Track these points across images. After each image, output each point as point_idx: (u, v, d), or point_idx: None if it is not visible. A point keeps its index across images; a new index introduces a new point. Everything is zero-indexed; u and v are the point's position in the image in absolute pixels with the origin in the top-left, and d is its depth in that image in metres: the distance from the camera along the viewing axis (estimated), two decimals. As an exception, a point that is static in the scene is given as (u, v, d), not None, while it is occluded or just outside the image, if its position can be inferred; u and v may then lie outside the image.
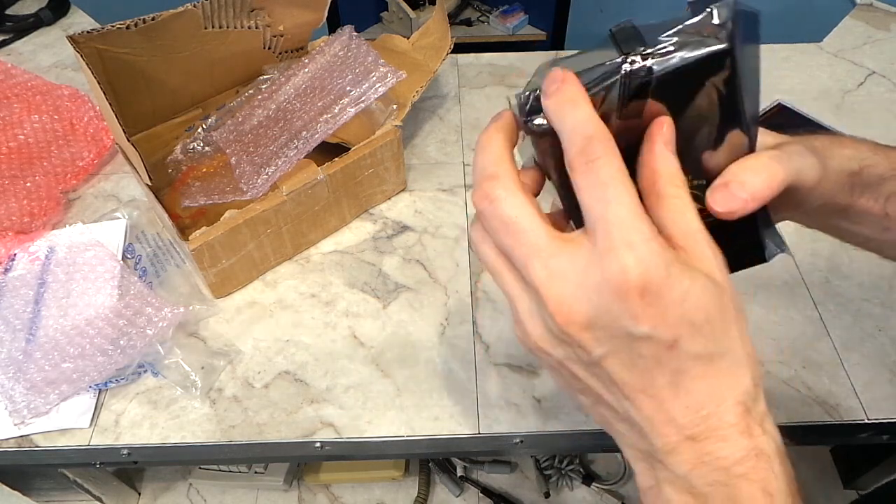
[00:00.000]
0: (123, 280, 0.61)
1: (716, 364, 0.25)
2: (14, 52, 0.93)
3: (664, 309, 0.24)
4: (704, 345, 0.25)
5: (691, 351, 0.25)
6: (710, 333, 0.25)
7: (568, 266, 0.25)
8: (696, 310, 0.24)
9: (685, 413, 0.25)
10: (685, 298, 0.24)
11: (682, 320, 0.24)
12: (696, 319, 0.24)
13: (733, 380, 0.26)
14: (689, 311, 0.24)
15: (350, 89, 0.61)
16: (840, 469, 0.94)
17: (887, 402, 0.53)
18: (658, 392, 0.25)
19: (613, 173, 0.24)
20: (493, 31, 1.97)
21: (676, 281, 0.24)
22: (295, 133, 0.60)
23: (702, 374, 0.25)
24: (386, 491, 0.95)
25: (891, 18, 0.93)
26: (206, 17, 0.59)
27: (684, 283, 0.24)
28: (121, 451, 0.53)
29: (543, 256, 0.25)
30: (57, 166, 0.72)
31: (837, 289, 0.61)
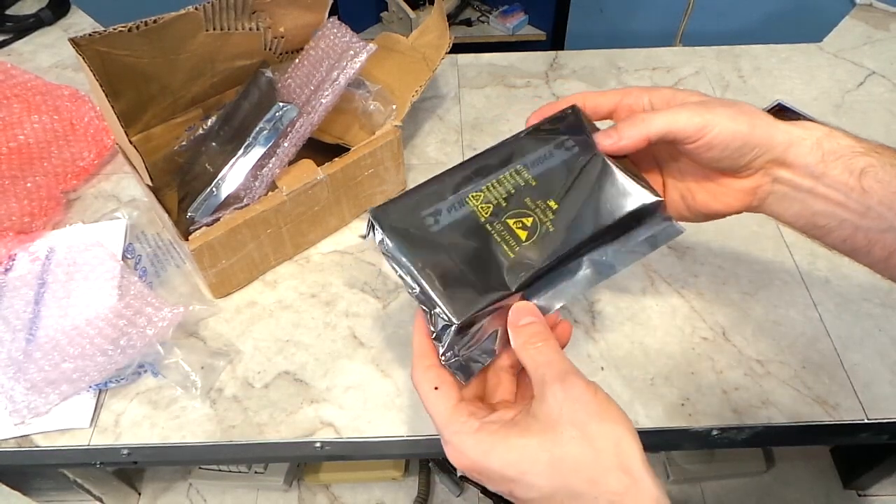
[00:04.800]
0: (123, 280, 0.61)
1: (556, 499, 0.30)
2: (14, 52, 0.93)
3: (489, 477, 0.32)
4: (531, 491, 0.31)
5: (525, 497, 0.31)
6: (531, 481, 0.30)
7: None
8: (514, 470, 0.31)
9: None
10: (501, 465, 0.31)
11: (504, 480, 0.31)
12: (515, 476, 0.31)
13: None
14: (507, 472, 0.31)
15: (328, 74, 0.61)
16: (840, 469, 0.94)
17: (887, 402, 0.53)
18: None
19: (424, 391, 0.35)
20: (493, 31, 1.97)
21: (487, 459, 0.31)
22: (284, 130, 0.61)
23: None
24: (386, 491, 0.95)
25: (891, 18, 0.93)
26: (208, 19, 0.59)
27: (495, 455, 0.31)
28: (121, 451, 0.53)
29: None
30: (57, 166, 0.72)
31: (837, 289, 0.61)
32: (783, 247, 0.65)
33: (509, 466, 0.31)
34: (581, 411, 0.31)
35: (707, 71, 0.84)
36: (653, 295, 0.61)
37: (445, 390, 0.34)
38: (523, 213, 0.38)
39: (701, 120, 0.38)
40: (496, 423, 0.32)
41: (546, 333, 0.35)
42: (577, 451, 0.30)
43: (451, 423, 0.33)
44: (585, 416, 0.31)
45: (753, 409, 0.53)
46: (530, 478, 0.30)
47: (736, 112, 0.38)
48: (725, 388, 0.55)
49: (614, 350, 0.57)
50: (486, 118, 0.80)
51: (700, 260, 0.64)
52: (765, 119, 0.39)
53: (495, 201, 0.39)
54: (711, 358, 0.57)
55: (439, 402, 0.34)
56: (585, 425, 0.30)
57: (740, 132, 0.38)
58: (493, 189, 0.39)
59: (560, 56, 0.89)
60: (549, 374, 0.32)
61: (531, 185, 0.39)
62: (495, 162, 0.40)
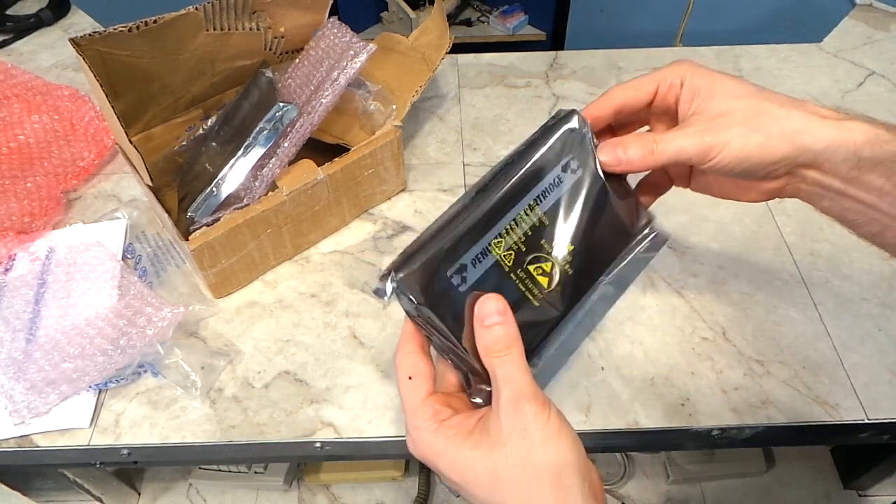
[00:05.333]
0: (123, 280, 0.61)
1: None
2: (14, 52, 0.93)
3: (440, 471, 0.33)
4: (473, 498, 0.32)
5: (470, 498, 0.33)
6: (474, 491, 0.32)
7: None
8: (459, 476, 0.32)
9: None
10: (449, 469, 0.33)
11: (451, 480, 0.33)
12: (460, 482, 0.32)
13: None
14: (454, 477, 0.33)
15: (328, 74, 0.61)
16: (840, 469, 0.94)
17: (887, 402, 0.53)
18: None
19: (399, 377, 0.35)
20: (493, 31, 1.97)
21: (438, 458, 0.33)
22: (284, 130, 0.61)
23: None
24: (386, 491, 0.95)
25: (891, 18, 0.93)
26: (208, 19, 0.59)
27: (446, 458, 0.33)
28: (121, 451, 0.53)
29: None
30: (57, 166, 0.72)
31: (837, 289, 0.61)
32: (783, 247, 0.65)
33: (455, 472, 0.32)
34: (528, 437, 0.31)
35: (707, 71, 0.84)
36: (653, 295, 0.61)
37: (418, 383, 0.35)
38: (541, 258, 0.38)
39: (707, 145, 0.37)
40: (454, 429, 0.33)
41: (510, 340, 0.34)
42: (515, 475, 0.31)
43: (415, 416, 0.34)
44: (530, 443, 0.31)
45: (753, 409, 0.53)
46: (471, 487, 0.32)
47: (750, 131, 0.37)
48: (725, 388, 0.55)
49: (614, 350, 0.57)
50: (486, 118, 0.80)
51: (700, 260, 0.64)
52: (798, 123, 0.36)
53: (515, 247, 0.37)
54: (711, 358, 0.57)
55: (409, 392, 0.35)
56: (529, 451, 0.31)
57: (748, 155, 0.37)
58: (511, 233, 0.37)
59: (560, 56, 0.89)
60: (505, 392, 0.32)
61: (544, 225, 0.38)
62: (507, 194, 0.37)
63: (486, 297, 0.35)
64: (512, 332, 0.34)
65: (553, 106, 0.82)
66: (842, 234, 0.65)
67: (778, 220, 0.67)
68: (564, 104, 0.82)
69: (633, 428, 0.53)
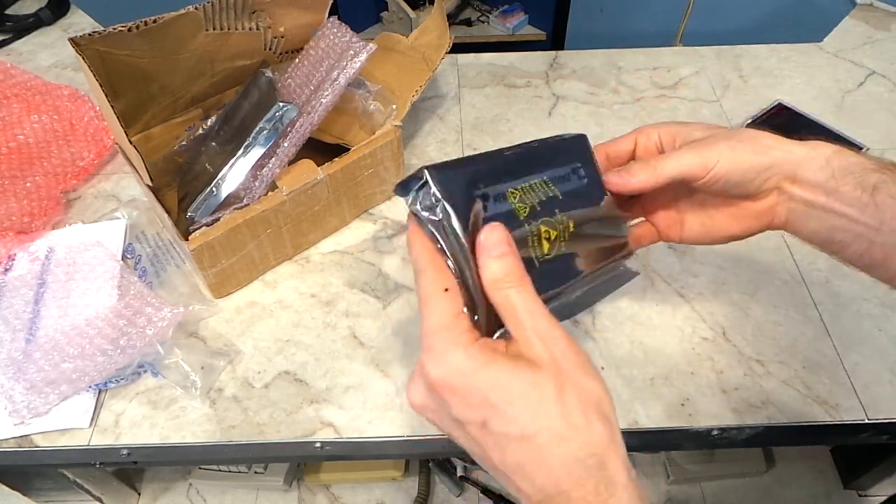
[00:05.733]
0: (123, 280, 0.61)
1: (531, 441, 0.29)
2: (14, 52, 0.93)
3: (466, 397, 0.29)
4: (510, 424, 0.29)
5: (501, 431, 0.29)
6: (515, 415, 0.29)
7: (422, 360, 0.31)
8: (499, 396, 0.29)
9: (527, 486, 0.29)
10: (488, 387, 0.29)
11: (485, 404, 0.29)
12: (499, 403, 0.29)
13: (556, 453, 0.28)
14: (492, 397, 0.29)
15: (328, 74, 0.61)
16: (840, 469, 0.94)
17: (887, 402, 0.53)
18: (498, 467, 0.30)
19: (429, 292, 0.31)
20: (493, 31, 1.97)
21: (475, 375, 0.29)
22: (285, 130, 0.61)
23: (520, 450, 0.29)
24: (386, 491, 0.95)
25: (891, 18, 0.93)
26: (208, 18, 0.59)
27: (486, 374, 0.29)
28: (120, 451, 0.53)
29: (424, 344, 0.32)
30: (57, 166, 0.72)
31: (837, 289, 0.61)
32: (783, 247, 0.65)
33: (497, 390, 0.29)
34: (560, 366, 0.30)
35: (707, 71, 0.84)
36: (653, 295, 0.61)
37: (454, 296, 0.31)
38: (552, 223, 0.38)
39: (702, 159, 0.40)
40: (490, 345, 0.31)
41: (521, 270, 0.32)
42: (563, 398, 0.29)
43: (449, 328, 0.30)
44: (565, 372, 0.30)
45: (753, 409, 0.53)
46: (515, 410, 0.29)
47: (736, 142, 0.40)
48: (725, 388, 0.54)
49: (614, 350, 0.57)
50: (486, 118, 0.80)
51: (700, 260, 0.64)
52: (769, 142, 0.40)
53: (531, 204, 0.37)
54: (711, 358, 0.57)
55: (444, 304, 0.31)
56: (571, 376, 0.30)
57: (740, 163, 0.39)
58: (528, 192, 0.37)
59: (560, 56, 0.89)
60: (528, 323, 0.31)
61: (559, 199, 0.38)
62: (524, 164, 0.38)
63: (490, 226, 0.32)
64: (519, 267, 0.32)
65: (553, 106, 0.82)
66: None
67: (778, 220, 0.67)
68: (564, 104, 0.82)
69: (633, 428, 0.53)
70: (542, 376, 0.29)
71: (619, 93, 0.83)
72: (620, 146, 0.45)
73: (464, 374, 0.29)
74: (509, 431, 0.29)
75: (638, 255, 0.64)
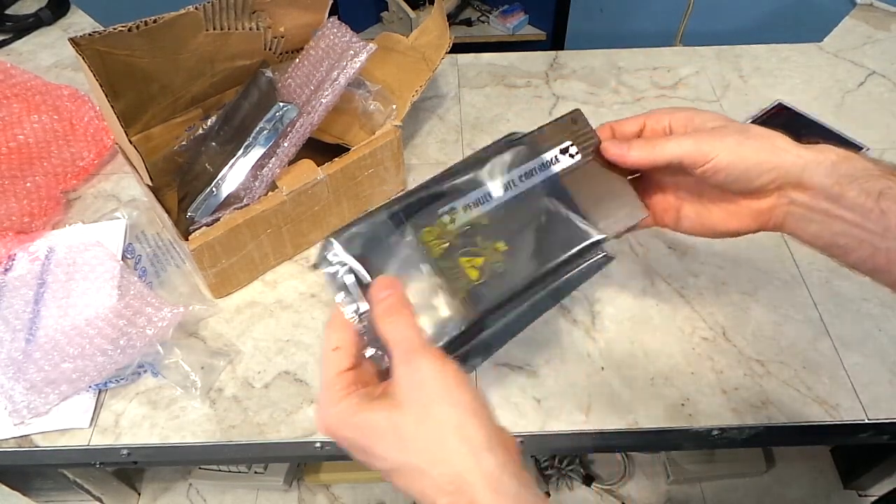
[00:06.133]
0: (123, 280, 0.61)
1: (400, 473, 0.32)
2: (14, 52, 0.93)
3: (344, 442, 0.33)
4: (382, 462, 0.32)
5: (380, 467, 0.33)
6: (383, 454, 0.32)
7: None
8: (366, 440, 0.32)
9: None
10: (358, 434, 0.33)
11: (359, 447, 0.33)
12: (368, 445, 0.32)
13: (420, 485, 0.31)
14: (361, 441, 0.33)
15: (328, 74, 0.61)
16: (840, 469, 0.94)
17: (887, 402, 0.53)
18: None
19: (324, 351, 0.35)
20: (493, 31, 1.97)
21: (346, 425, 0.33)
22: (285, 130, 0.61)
23: (398, 481, 0.32)
24: (386, 491, 0.95)
25: (891, 18, 0.93)
26: (208, 18, 0.59)
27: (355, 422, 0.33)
28: (120, 451, 0.53)
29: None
30: (57, 166, 0.72)
31: (837, 289, 0.61)
32: (783, 247, 0.65)
33: (361, 436, 0.32)
34: (425, 390, 0.32)
35: (707, 71, 0.84)
36: (653, 295, 0.61)
37: (340, 355, 0.35)
38: (474, 252, 0.39)
39: (704, 148, 0.40)
40: (359, 397, 0.33)
41: (399, 306, 0.35)
42: (418, 432, 0.31)
43: (327, 388, 0.34)
44: (428, 398, 0.31)
45: (753, 409, 0.53)
46: (379, 450, 0.32)
47: (744, 139, 0.40)
48: (725, 388, 0.55)
49: (614, 350, 0.57)
50: (486, 118, 0.80)
51: (700, 260, 0.64)
52: (781, 144, 0.40)
53: (448, 240, 0.39)
54: (711, 358, 0.57)
55: (329, 363, 0.35)
56: (428, 406, 0.31)
57: (744, 159, 0.39)
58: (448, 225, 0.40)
59: (560, 56, 0.89)
60: (397, 353, 0.33)
61: (482, 225, 0.40)
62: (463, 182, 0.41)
63: (380, 278, 0.36)
64: (400, 299, 0.35)
65: (553, 106, 0.82)
66: (842, 234, 0.65)
67: (778, 220, 0.67)
68: (564, 104, 0.82)
69: (633, 428, 0.53)
70: (399, 415, 0.32)
71: (619, 93, 0.83)
72: (626, 126, 0.45)
73: (338, 426, 0.33)
74: (383, 467, 0.32)
75: (638, 255, 0.64)
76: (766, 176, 0.40)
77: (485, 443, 0.30)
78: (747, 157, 0.39)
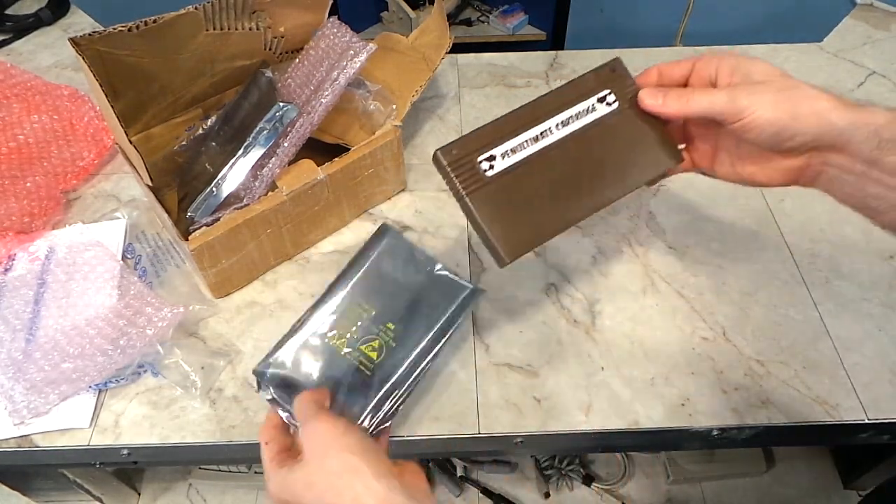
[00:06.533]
0: (123, 280, 0.61)
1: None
2: (14, 52, 0.93)
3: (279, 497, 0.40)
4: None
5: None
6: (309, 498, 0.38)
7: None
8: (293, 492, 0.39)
9: None
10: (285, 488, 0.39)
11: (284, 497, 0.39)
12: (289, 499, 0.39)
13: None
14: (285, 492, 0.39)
15: (328, 74, 0.61)
16: (840, 469, 0.94)
17: (887, 402, 0.53)
18: None
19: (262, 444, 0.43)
20: (493, 31, 1.97)
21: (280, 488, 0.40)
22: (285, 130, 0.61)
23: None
24: (386, 491, 0.95)
25: (891, 18, 0.93)
26: (208, 18, 0.59)
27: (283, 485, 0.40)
28: (120, 451, 0.53)
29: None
30: (57, 166, 0.72)
31: (837, 289, 0.61)
32: (783, 247, 0.65)
33: (284, 491, 0.39)
34: (319, 444, 0.40)
35: (707, 71, 0.84)
36: (653, 295, 0.61)
37: (271, 447, 0.42)
38: (370, 339, 0.49)
39: (740, 104, 0.39)
40: (285, 464, 0.40)
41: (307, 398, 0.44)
42: (321, 476, 0.38)
43: (266, 469, 0.42)
44: (322, 449, 0.39)
45: (753, 409, 0.53)
46: (301, 499, 0.38)
47: (783, 98, 0.39)
48: (725, 388, 0.55)
49: (614, 350, 0.57)
50: (486, 118, 0.79)
51: (700, 260, 0.64)
52: (819, 105, 0.39)
53: (346, 337, 0.49)
54: (711, 358, 0.57)
55: (265, 452, 0.42)
56: (324, 456, 0.39)
57: (778, 120, 0.39)
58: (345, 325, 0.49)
59: (560, 56, 0.89)
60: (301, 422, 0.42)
61: (371, 314, 0.49)
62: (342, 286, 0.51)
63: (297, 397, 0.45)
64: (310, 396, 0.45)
65: (553, 106, 0.81)
66: (842, 235, 0.65)
67: (778, 219, 0.67)
68: (564, 104, 0.82)
69: (633, 428, 0.53)
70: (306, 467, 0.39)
71: (619, 93, 0.83)
72: (675, 70, 0.45)
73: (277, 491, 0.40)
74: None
75: (638, 255, 0.64)
76: (799, 138, 0.39)
77: (373, 474, 0.37)
78: (782, 118, 0.39)
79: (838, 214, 0.67)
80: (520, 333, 0.59)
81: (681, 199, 0.69)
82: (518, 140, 0.46)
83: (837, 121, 0.38)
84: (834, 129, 0.38)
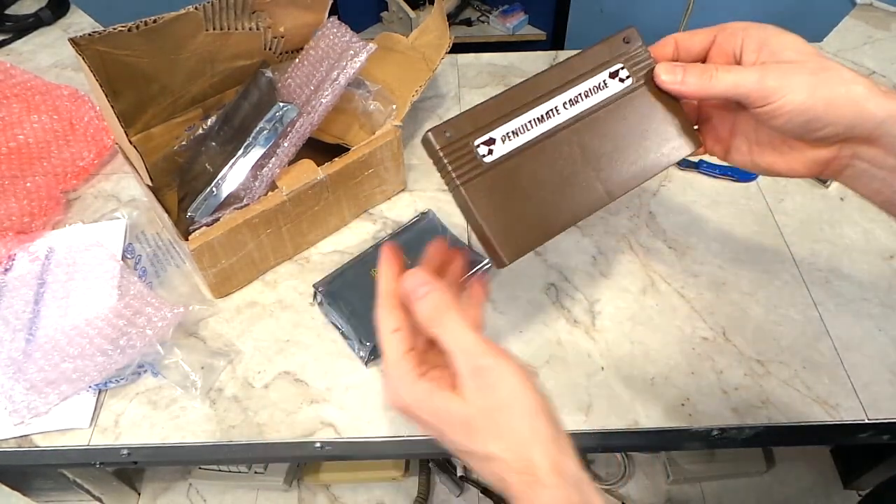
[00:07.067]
0: (123, 280, 0.61)
1: (471, 456, 0.34)
2: (14, 52, 0.93)
3: (415, 419, 0.35)
4: (452, 444, 0.34)
5: (449, 445, 0.34)
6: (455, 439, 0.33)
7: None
8: (440, 424, 0.34)
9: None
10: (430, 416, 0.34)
11: (432, 427, 0.34)
12: (442, 428, 0.34)
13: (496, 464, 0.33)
14: (435, 423, 0.34)
15: (328, 74, 0.61)
16: (840, 469, 0.94)
17: (887, 402, 0.53)
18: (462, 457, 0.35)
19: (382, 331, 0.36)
20: (493, 30, 1.97)
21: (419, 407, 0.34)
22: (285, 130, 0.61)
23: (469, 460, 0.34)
24: (386, 491, 0.95)
25: (891, 18, 0.93)
26: (208, 18, 0.59)
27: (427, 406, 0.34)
28: (120, 451, 0.53)
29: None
30: (57, 166, 0.72)
31: (837, 289, 0.61)
32: (783, 247, 0.65)
33: (437, 421, 0.34)
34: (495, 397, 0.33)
35: (707, 71, 0.84)
36: (653, 295, 0.61)
37: (401, 336, 0.35)
38: None
39: (769, 86, 0.35)
40: (433, 381, 0.34)
41: (444, 307, 0.34)
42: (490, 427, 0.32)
43: (398, 366, 0.34)
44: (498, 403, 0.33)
45: (753, 409, 0.53)
46: (451, 436, 0.33)
47: (818, 82, 0.35)
48: (725, 388, 0.54)
49: (614, 350, 0.57)
50: (486, 118, 0.80)
51: (700, 260, 0.64)
52: (856, 91, 0.35)
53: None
54: (711, 358, 0.57)
55: (393, 345, 0.35)
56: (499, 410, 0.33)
57: (811, 107, 0.35)
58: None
59: (560, 56, 0.89)
60: (460, 361, 0.34)
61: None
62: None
63: (406, 273, 0.36)
64: (442, 297, 0.35)
65: (553, 106, 0.81)
66: (842, 235, 0.65)
67: (778, 220, 0.67)
68: (564, 104, 0.82)
69: (633, 428, 0.53)
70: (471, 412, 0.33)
71: (619, 93, 0.83)
72: (695, 40, 0.40)
73: (410, 406, 0.34)
74: (452, 448, 0.34)
75: (638, 255, 0.64)
76: (831, 128, 0.35)
77: (551, 436, 0.32)
78: (815, 105, 0.35)
79: (838, 214, 0.67)
80: (519, 333, 0.59)
81: (681, 199, 0.69)
82: (521, 121, 0.40)
83: (876, 110, 0.34)
84: (871, 119, 0.34)
